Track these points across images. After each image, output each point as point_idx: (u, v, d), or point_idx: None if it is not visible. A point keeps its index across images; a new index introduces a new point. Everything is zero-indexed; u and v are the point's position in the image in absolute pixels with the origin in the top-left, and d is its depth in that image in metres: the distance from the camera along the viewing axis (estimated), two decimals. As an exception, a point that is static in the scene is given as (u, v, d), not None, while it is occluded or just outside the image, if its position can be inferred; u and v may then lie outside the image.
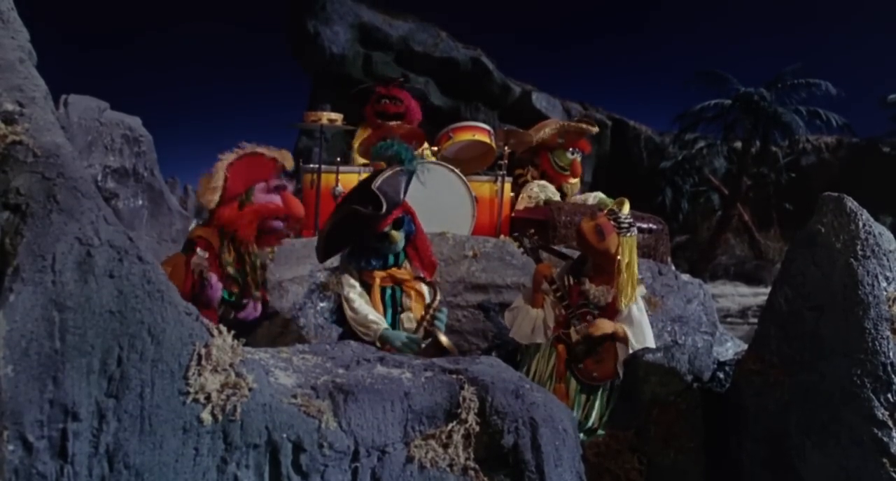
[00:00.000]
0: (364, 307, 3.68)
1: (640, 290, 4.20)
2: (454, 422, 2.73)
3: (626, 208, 4.10)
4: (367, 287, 3.74)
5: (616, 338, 4.00)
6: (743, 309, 17.18)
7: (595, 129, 6.62)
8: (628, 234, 3.98)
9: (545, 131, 6.36)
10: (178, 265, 3.64)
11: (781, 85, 22.31)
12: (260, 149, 3.83)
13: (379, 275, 3.74)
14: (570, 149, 6.43)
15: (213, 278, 3.62)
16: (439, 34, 18.97)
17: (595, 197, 6.51)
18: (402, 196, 3.81)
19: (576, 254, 4.35)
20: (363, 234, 3.72)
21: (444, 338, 3.63)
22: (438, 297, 3.91)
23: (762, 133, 22.50)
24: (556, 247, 4.64)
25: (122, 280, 1.99)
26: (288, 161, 3.87)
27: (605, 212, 4.10)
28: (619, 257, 3.94)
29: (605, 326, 3.94)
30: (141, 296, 2.02)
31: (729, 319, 15.71)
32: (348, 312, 3.71)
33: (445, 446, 2.69)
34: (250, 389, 2.19)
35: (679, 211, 23.07)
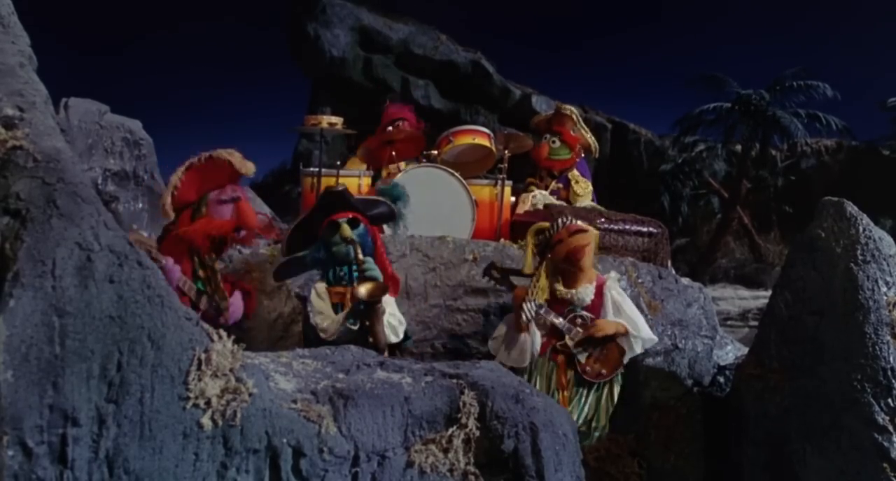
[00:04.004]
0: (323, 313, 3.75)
1: (614, 274, 4.18)
2: (454, 427, 2.72)
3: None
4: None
5: (617, 335, 3.97)
6: (743, 312, 17.17)
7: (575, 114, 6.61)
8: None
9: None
10: None
11: (780, 88, 22.29)
12: (215, 154, 3.69)
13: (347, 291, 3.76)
14: (547, 135, 6.40)
15: (168, 261, 3.52)
16: (439, 37, 18.99)
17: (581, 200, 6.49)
18: (371, 213, 3.94)
19: None
20: (320, 227, 3.80)
21: (361, 289, 3.59)
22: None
23: (762, 136, 22.49)
24: (522, 270, 4.59)
25: (122, 285, 1.99)
26: (245, 167, 3.69)
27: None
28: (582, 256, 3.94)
29: (606, 327, 3.93)
30: (141, 301, 2.02)
31: (729, 322, 15.71)
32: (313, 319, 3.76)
33: (446, 451, 2.68)
34: (250, 394, 2.19)
35: (679, 214, 23.04)
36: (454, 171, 5.53)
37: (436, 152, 6.03)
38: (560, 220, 4.04)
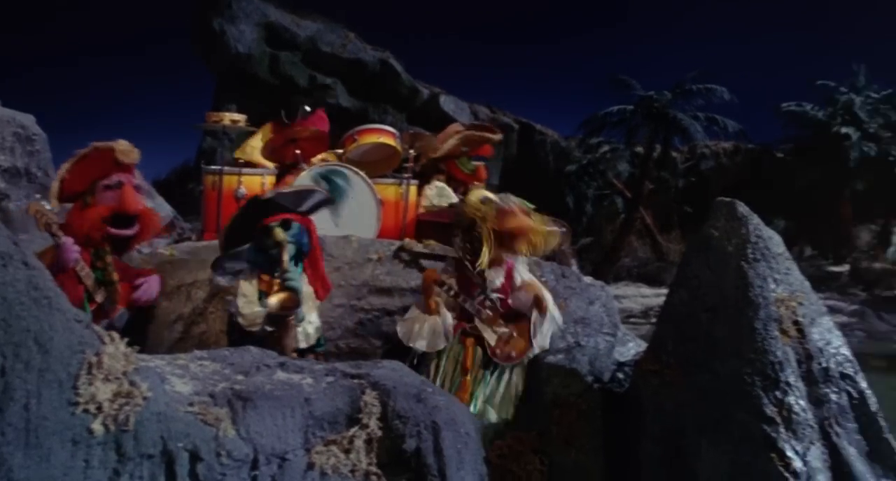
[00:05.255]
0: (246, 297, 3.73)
1: (522, 258, 4.24)
2: (356, 427, 2.72)
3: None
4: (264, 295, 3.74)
5: (539, 306, 4.01)
6: (645, 309, 17.65)
7: (498, 137, 6.67)
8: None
9: (449, 143, 6.37)
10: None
11: (681, 91, 22.99)
12: (101, 144, 3.71)
13: (275, 282, 3.72)
14: (474, 156, 6.48)
15: (67, 240, 3.47)
16: (347, 35, 18.89)
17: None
18: (303, 209, 3.91)
19: (451, 251, 4.37)
20: (254, 228, 3.77)
21: (273, 300, 3.59)
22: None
23: (663, 138, 23.15)
24: (431, 251, 4.63)
25: (5, 286, 1.91)
26: (126, 155, 3.72)
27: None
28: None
29: (529, 291, 4.02)
30: (27, 303, 1.94)
31: (632, 319, 16.11)
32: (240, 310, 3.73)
33: (347, 451, 2.67)
34: (144, 398, 2.13)
35: (583, 214, 23.53)
36: (359, 170, 5.51)
37: (341, 151, 6.00)
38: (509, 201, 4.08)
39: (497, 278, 4.06)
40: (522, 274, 4.16)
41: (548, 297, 4.10)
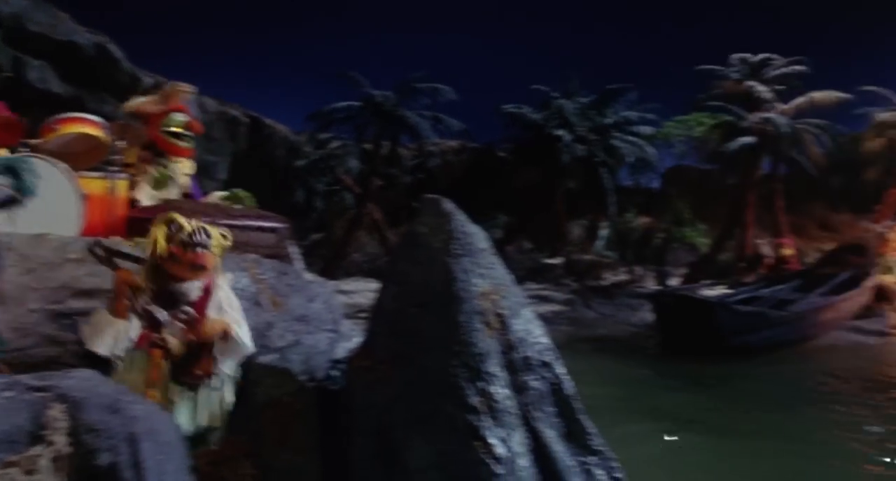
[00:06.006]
0: None
1: (229, 275, 4.08)
2: (40, 445, 2.49)
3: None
4: None
5: (221, 335, 3.84)
6: (375, 304, 17.90)
7: (190, 88, 6.43)
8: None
9: (139, 101, 6.11)
10: None
11: (408, 90, 23.64)
12: None
13: None
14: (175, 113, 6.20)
15: None
16: (58, 15, 17.49)
17: (219, 195, 6.35)
18: None
19: None
20: None
21: None
22: None
23: (391, 135, 23.70)
24: (130, 252, 4.32)
25: None
26: None
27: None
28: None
29: (216, 326, 3.79)
30: None
31: (362, 314, 16.27)
32: None
33: (30, 472, 2.44)
34: None
35: (314, 210, 23.55)
36: (58, 162, 5.08)
37: (37, 141, 5.50)
38: (196, 236, 3.76)
39: (193, 292, 3.83)
40: (221, 291, 3.92)
41: (237, 329, 3.89)
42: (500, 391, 3.34)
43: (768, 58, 26.89)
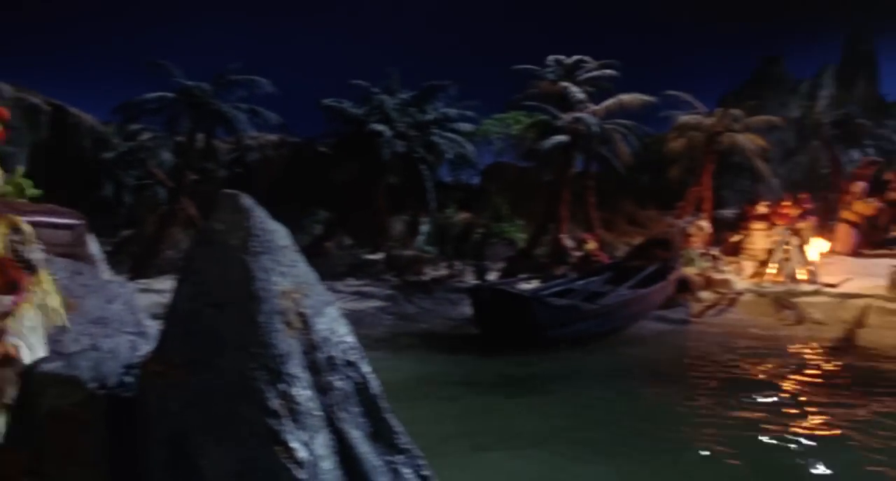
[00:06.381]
0: None
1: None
2: None
3: None
4: None
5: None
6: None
7: None
8: None
9: None
10: None
11: (223, 82, 22.96)
12: None
13: None
14: None
15: None
16: None
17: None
18: None
19: None
20: None
21: None
22: None
23: (206, 128, 22.93)
24: None
25: None
26: None
27: None
28: None
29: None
30: None
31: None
32: None
33: None
34: None
35: (123, 205, 22.48)
36: None
37: None
38: None
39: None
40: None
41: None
42: (302, 393, 3.25)
43: (581, 60, 28.09)
